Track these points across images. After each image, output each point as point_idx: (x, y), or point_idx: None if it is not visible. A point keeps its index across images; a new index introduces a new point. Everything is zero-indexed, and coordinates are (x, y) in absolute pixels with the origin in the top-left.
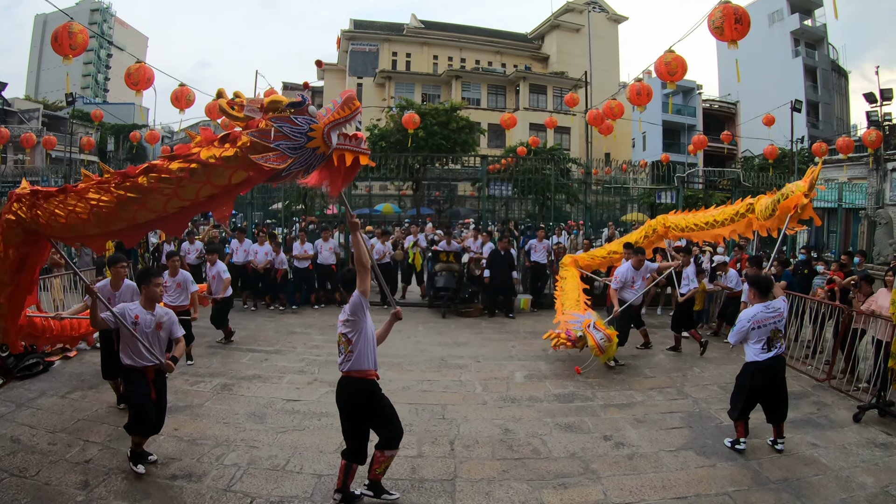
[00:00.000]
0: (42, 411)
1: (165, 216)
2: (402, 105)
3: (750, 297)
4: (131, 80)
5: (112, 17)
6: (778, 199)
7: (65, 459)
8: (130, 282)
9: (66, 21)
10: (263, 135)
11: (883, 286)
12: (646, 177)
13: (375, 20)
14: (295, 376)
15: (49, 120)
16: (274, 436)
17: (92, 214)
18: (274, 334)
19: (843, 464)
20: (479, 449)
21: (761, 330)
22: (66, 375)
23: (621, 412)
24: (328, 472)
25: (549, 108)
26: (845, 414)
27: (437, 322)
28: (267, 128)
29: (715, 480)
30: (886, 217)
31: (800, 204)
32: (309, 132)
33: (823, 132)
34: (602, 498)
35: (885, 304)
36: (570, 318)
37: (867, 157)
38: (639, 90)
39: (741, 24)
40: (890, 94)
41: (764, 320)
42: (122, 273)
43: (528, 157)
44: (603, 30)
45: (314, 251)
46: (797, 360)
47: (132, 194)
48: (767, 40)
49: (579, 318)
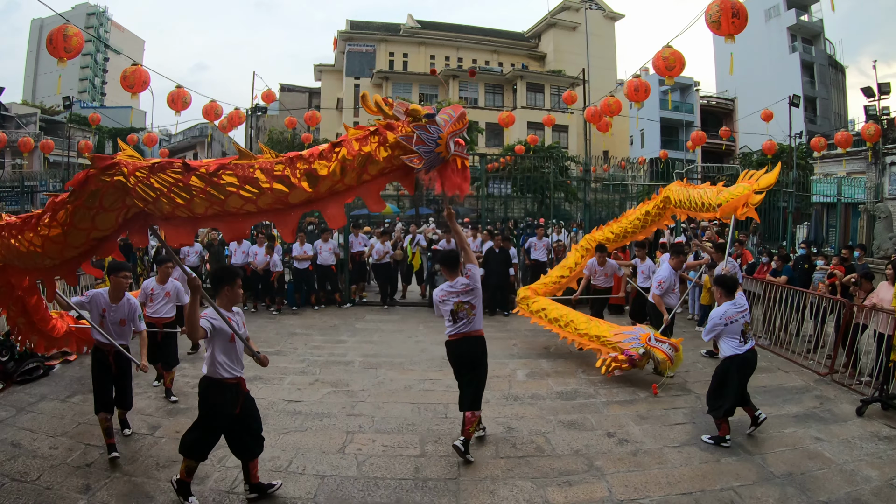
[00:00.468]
0: (43, 415)
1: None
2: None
3: (717, 297)
4: (127, 83)
5: (108, 21)
6: (720, 197)
7: (66, 463)
8: (133, 297)
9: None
10: (408, 140)
11: (884, 280)
12: (644, 173)
13: (372, 21)
14: (296, 377)
15: (47, 124)
16: (276, 437)
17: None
18: (274, 335)
19: (848, 457)
20: (482, 447)
21: (734, 325)
22: (67, 379)
23: (624, 409)
24: (331, 472)
25: (546, 107)
26: (848, 408)
27: (437, 321)
28: (410, 133)
29: (719, 476)
30: (886, 211)
31: (751, 201)
32: (437, 139)
33: (821, 127)
34: (607, 495)
35: (887, 297)
36: (623, 338)
37: (866, 152)
38: (637, 86)
39: (738, 18)
40: (888, 88)
41: (734, 316)
42: (124, 284)
43: (526, 155)
44: (599, 28)
45: (313, 252)
46: (799, 354)
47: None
48: (764, 36)
49: (635, 335)
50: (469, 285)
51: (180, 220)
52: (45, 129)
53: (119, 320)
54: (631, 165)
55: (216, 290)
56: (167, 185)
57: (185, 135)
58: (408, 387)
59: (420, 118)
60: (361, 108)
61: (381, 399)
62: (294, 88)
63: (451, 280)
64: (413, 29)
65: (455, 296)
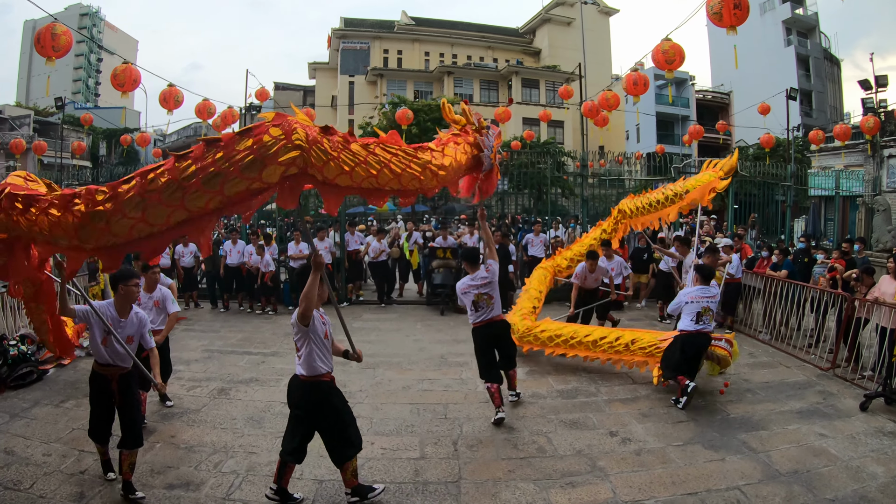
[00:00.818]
0: (36, 421)
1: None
2: (395, 102)
3: (694, 280)
4: (117, 81)
5: (102, 21)
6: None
7: (59, 471)
8: (140, 310)
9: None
10: (477, 147)
11: (885, 274)
12: (640, 168)
13: (366, 18)
14: None
15: (40, 126)
16: (273, 440)
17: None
18: (270, 336)
19: (853, 454)
20: (483, 449)
21: (693, 305)
22: (61, 384)
23: (626, 407)
24: (329, 476)
25: (541, 102)
26: (851, 403)
27: (435, 319)
28: (478, 141)
29: (724, 475)
30: (884, 204)
31: (718, 187)
32: (491, 146)
33: (817, 120)
34: (611, 496)
35: (890, 291)
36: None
37: (864, 145)
38: (635, 80)
39: (740, 9)
40: (885, 81)
41: (698, 298)
42: (135, 294)
43: (522, 150)
44: (594, 23)
45: (309, 251)
46: (800, 349)
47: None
48: (759, 29)
49: None
50: (487, 278)
51: (337, 189)
52: (38, 130)
53: (127, 337)
54: (627, 160)
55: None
56: (352, 154)
57: (179, 134)
58: (406, 387)
59: (483, 128)
60: (356, 106)
61: (380, 400)
62: (289, 87)
63: (472, 273)
64: (407, 26)
65: (475, 288)
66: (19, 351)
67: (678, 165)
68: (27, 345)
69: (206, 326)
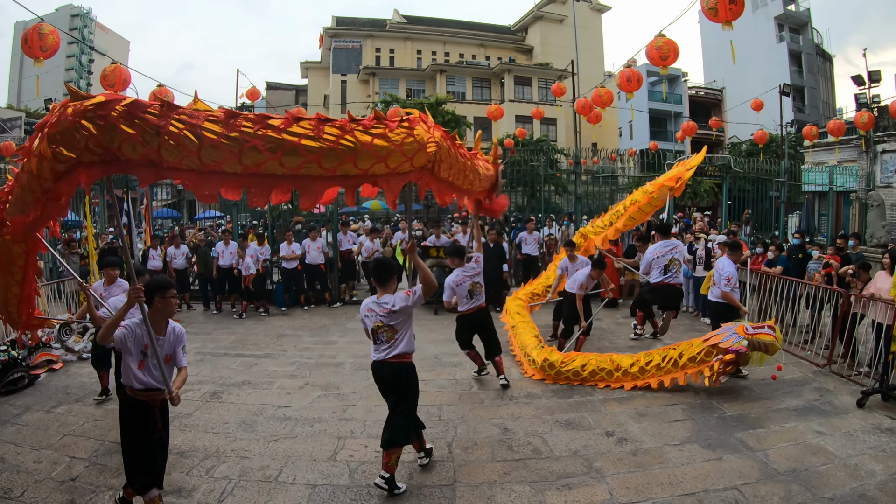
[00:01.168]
0: (27, 427)
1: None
2: (387, 100)
3: (655, 238)
4: (107, 82)
5: (93, 23)
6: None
7: (50, 478)
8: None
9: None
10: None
11: (881, 269)
12: (634, 165)
13: (358, 16)
14: (286, 381)
15: (32, 128)
16: (265, 445)
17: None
18: (263, 338)
19: (851, 451)
20: (478, 451)
21: (660, 259)
22: (52, 389)
23: (622, 406)
24: (322, 481)
25: (534, 100)
26: (848, 399)
27: (429, 319)
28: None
29: (722, 474)
30: (878, 199)
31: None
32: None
33: (810, 116)
34: (608, 498)
35: (885, 286)
36: (718, 339)
37: (857, 140)
38: (629, 76)
39: (735, 4)
40: (878, 77)
41: (662, 252)
42: (174, 308)
43: (515, 147)
44: (586, 20)
45: (302, 251)
46: (796, 345)
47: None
48: (752, 26)
49: (730, 331)
50: (477, 269)
51: (450, 187)
52: (30, 132)
53: (165, 356)
54: (620, 157)
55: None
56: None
57: None
58: None
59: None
60: (348, 105)
61: (373, 402)
62: (281, 86)
63: (462, 267)
64: (399, 24)
65: (469, 278)
66: (9, 356)
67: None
68: (18, 349)
69: (198, 328)
